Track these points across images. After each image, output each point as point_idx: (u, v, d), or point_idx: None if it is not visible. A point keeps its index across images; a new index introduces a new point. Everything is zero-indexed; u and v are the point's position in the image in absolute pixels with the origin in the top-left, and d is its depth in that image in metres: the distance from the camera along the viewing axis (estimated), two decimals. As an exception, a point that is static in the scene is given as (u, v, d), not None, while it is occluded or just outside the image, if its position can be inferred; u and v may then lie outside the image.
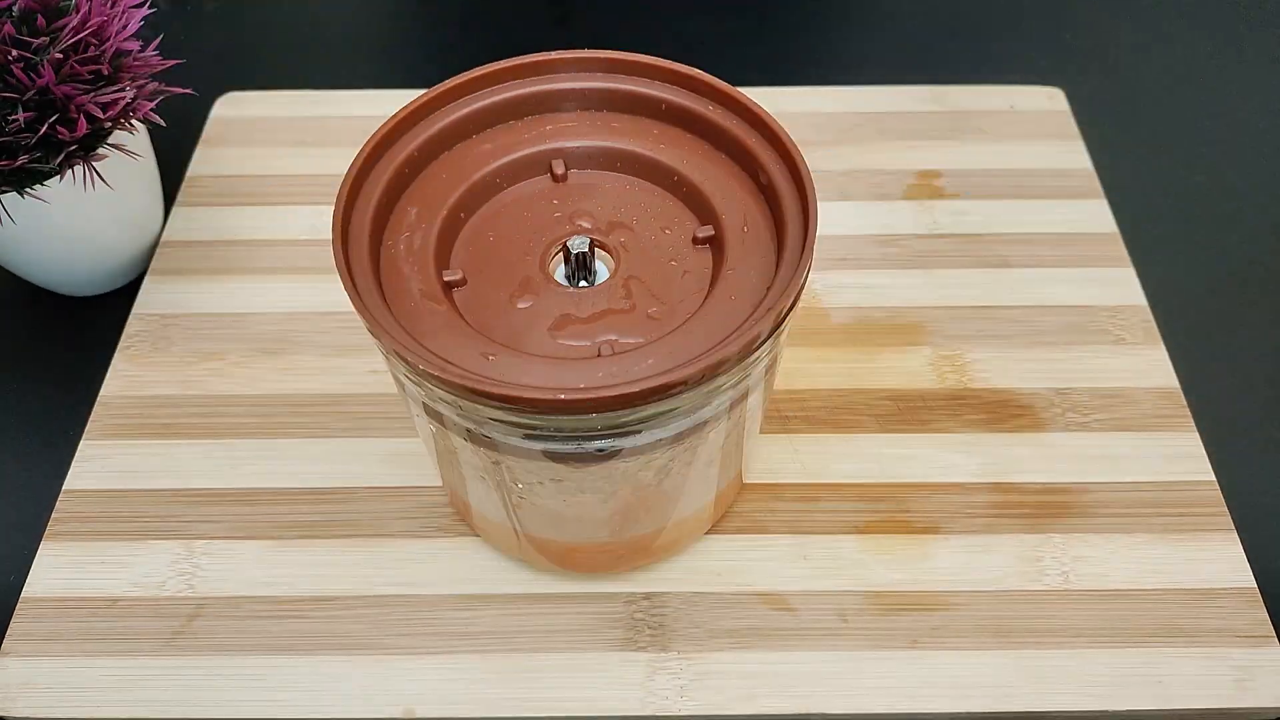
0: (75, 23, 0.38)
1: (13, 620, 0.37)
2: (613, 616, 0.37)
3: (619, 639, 0.36)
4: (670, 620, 0.37)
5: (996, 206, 0.50)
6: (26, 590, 0.37)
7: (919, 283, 0.47)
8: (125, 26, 0.40)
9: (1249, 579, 0.38)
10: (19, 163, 0.38)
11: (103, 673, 0.36)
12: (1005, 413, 0.42)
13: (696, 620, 0.37)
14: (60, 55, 0.38)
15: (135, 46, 0.41)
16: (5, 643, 0.36)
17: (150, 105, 0.41)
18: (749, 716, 0.35)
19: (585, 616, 0.37)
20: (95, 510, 0.39)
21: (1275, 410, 0.44)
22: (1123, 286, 0.46)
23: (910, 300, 0.46)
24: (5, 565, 0.39)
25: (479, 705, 0.35)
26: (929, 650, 0.36)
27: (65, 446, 0.41)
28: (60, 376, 0.45)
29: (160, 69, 0.42)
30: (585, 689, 0.35)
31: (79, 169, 0.40)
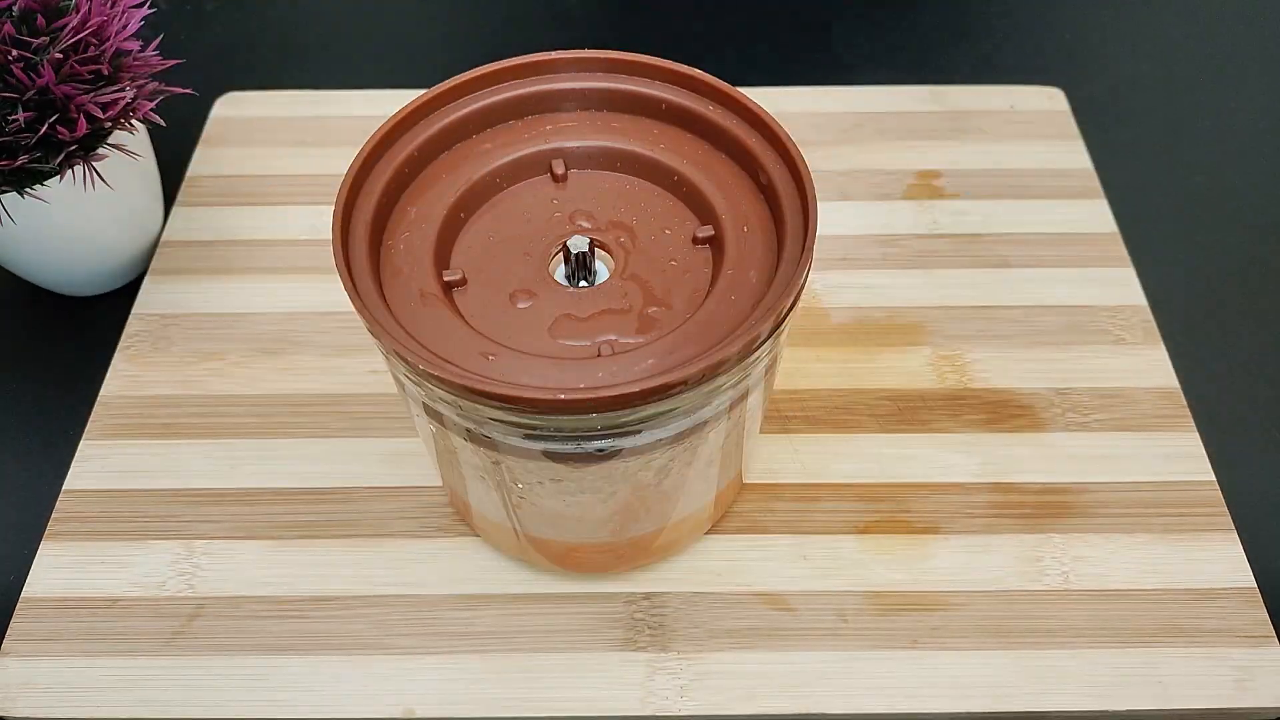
0: (75, 23, 0.38)
1: (13, 620, 0.37)
2: (613, 616, 0.37)
3: (619, 639, 0.36)
4: (670, 620, 0.37)
5: (996, 206, 0.50)
6: (26, 590, 0.37)
7: (919, 283, 0.47)
8: (125, 26, 0.40)
9: (1249, 579, 0.38)
10: (19, 163, 0.38)
11: (103, 673, 0.36)
12: (1005, 413, 0.42)
13: (696, 620, 0.37)
14: (60, 55, 0.38)
15: (135, 46, 0.41)
16: (5, 643, 0.36)
17: (150, 105, 0.41)
18: (749, 716, 0.35)
19: (585, 616, 0.37)
20: (95, 510, 0.39)
21: (1275, 410, 0.44)
22: (1123, 286, 0.46)
23: (910, 300, 0.46)
24: (5, 565, 0.39)
25: (479, 705, 0.35)
26: (929, 650, 0.36)
27: (65, 446, 0.41)
28: (60, 376, 0.45)
29: (160, 69, 0.42)
30: (585, 689, 0.35)
31: (79, 169, 0.40)
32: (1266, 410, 0.44)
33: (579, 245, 0.31)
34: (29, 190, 0.40)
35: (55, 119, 0.38)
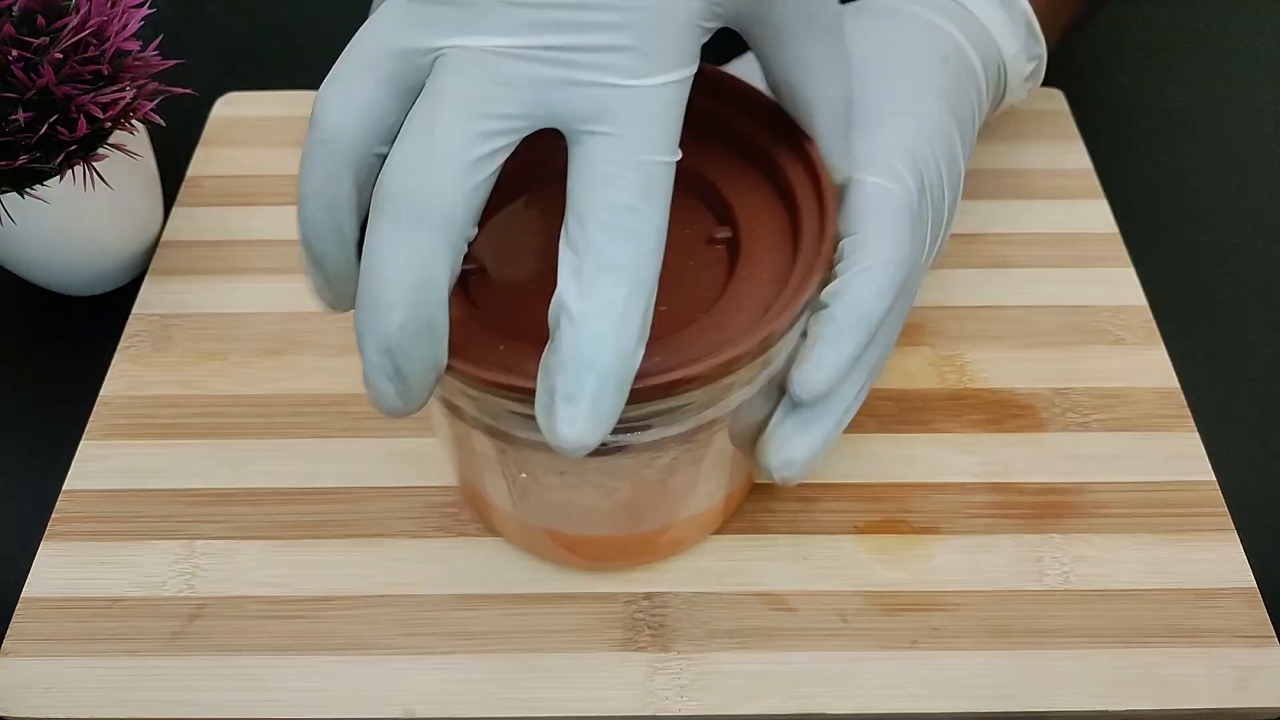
0: (75, 23, 0.38)
1: (13, 620, 0.37)
2: (613, 616, 0.37)
3: (619, 639, 0.36)
4: (670, 620, 0.37)
5: (996, 207, 0.50)
6: (27, 590, 0.37)
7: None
8: (125, 26, 0.40)
9: (1249, 579, 0.38)
10: (19, 163, 0.38)
11: (103, 673, 0.36)
12: (1005, 413, 0.42)
13: (697, 620, 0.37)
14: (60, 55, 0.38)
15: (135, 46, 0.41)
16: (5, 643, 0.36)
17: (150, 105, 0.41)
18: (749, 717, 0.35)
19: (585, 616, 0.37)
20: (96, 510, 0.39)
21: (1276, 410, 0.44)
22: (1123, 286, 0.46)
23: (910, 300, 0.46)
24: (6, 565, 0.39)
25: (479, 705, 0.35)
26: (929, 650, 0.36)
27: (65, 446, 0.41)
28: (60, 376, 0.45)
29: (160, 69, 0.42)
30: (585, 689, 0.35)
31: (79, 169, 0.40)
32: (1267, 410, 0.44)
33: None
34: (29, 190, 0.40)
35: (55, 119, 0.38)
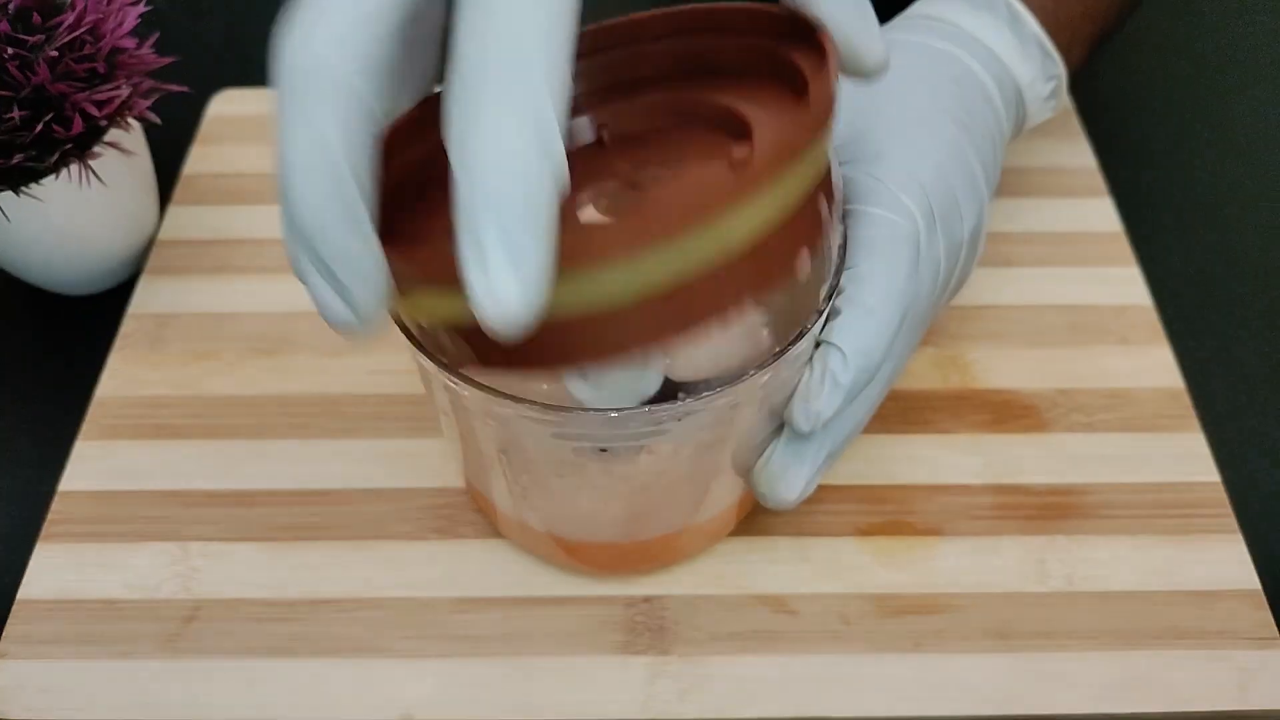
0: (71, 20, 0.38)
1: (8, 622, 0.36)
2: (612, 620, 0.37)
3: (619, 642, 0.36)
4: (670, 623, 0.36)
5: (999, 205, 0.49)
6: (22, 592, 0.37)
7: (921, 282, 0.46)
8: (121, 24, 0.40)
9: (1254, 581, 0.37)
10: (14, 161, 0.38)
11: (99, 675, 0.35)
12: (1008, 413, 0.42)
13: (697, 623, 0.36)
14: (56, 53, 0.38)
15: (131, 44, 0.41)
16: (1, 644, 0.36)
17: (146, 103, 0.41)
18: (750, 720, 0.35)
19: (584, 620, 0.37)
20: (91, 512, 0.39)
21: (1280, 411, 0.44)
22: (1127, 286, 0.46)
23: (912, 300, 0.46)
24: (0, 567, 0.38)
25: (477, 709, 0.35)
26: (932, 653, 0.36)
27: (60, 447, 0.41)
28: (55, 376, 0.44)
29: (156, 67, 0.42)
30: (584, 693, 0.35)
31: (74, 167, 0.40)
32: (1272, 411, 0.43)
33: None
34: (24, 189, 0.40)
35: (50, 117, 0.38)
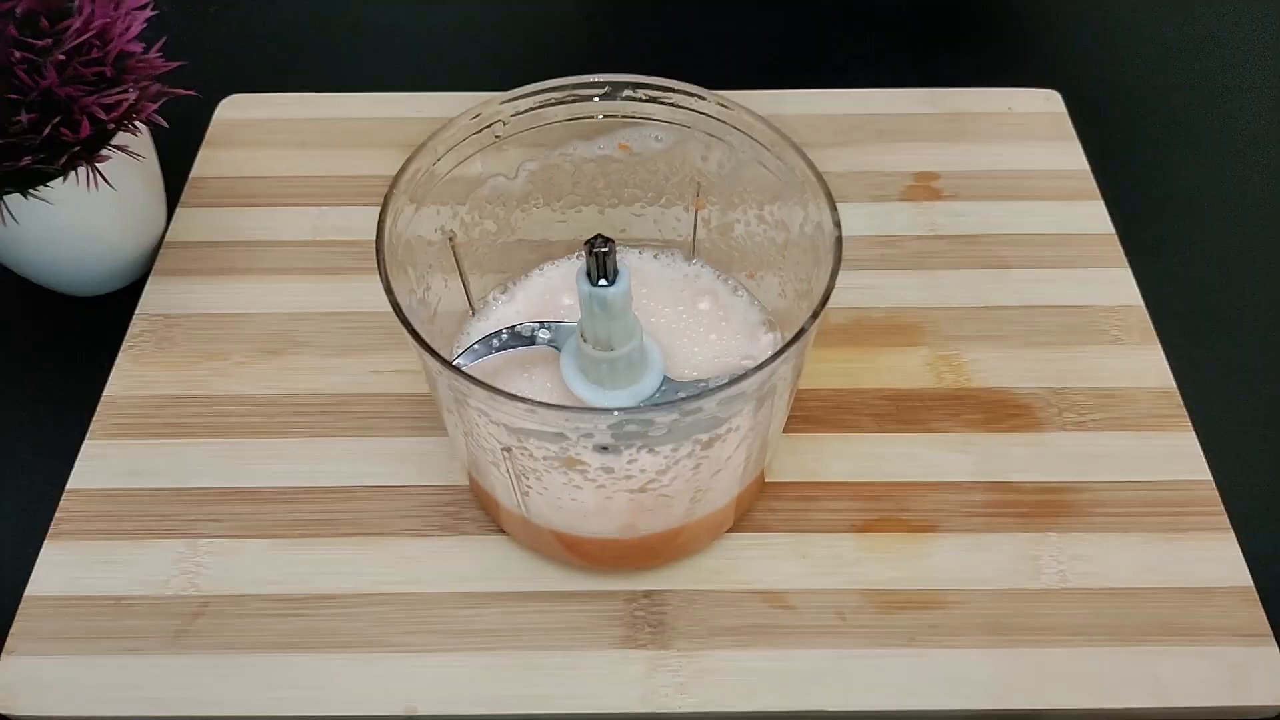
0: (78, 24, 0.39)
1: (16, 619, 0.37)
2: (613, 614, 0.37)
3: (619, 637, 0.36)
4: (670, 618, 0.37)
5: (994, 208, 0.50)
6: (30, 589, 0.38)
7: (916, 283, 0.47)
8: (128, 28, 0.40)
9: (1246, 578, 0.38)
10: (23, 164, 0.38)
11: (106, 671, 0.36)
12: (1002, 412, 0.42)
13: (696, 618, 0.37)
14: (64, 57, 0.38)
15: (138, 48, 0.41)
16: (9, 641, 0.36)
17: (153, 107, 0.42)
18: (748, 714, 0.35)
19: (586, 614, 0.37)
20: (99, 509, 0.40)
21: (1272, 409, 0.44)
22: (1119, 287, 0.47)
23: (908, 301, 0.46)
24: (9, 564, 0.39)
25: (480, 703, 0.35)
26: (927, 648, 0.36)
27: (69, 446, 0.41)
28: (64, 376, 0.45)
29: (163, 71, 0.42)
30: (585, 686, 0.35)
31: (82, 170, 0.40)
32: (1263, 410, 0.44)
33: (600, 244, 0.32)
34: (33, 191, 0.40)
35: (59, 120, 0.38)
